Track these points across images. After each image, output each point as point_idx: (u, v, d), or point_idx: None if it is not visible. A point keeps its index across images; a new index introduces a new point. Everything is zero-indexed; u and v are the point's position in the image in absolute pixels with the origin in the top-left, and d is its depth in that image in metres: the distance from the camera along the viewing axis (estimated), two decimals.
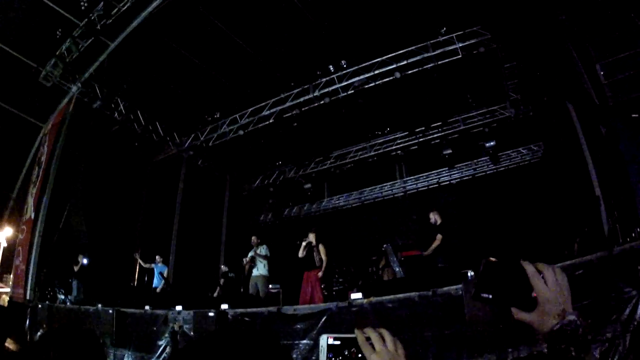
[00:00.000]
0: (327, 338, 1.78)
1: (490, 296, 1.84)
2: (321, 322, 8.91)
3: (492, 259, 1.84)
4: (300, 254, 14.32)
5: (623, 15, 10.02)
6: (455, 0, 14.54)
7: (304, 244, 14.40)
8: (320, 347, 1.77)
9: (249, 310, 10.88)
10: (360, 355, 1.73)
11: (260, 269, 15.72)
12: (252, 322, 10.23)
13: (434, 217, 13.78)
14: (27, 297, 17.35)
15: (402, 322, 7.77)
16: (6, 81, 17.73)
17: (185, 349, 1.44)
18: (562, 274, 1.83)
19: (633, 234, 9.14)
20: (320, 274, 13.57)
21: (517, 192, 19.03)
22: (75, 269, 18.14)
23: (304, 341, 9.04)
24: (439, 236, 13.22)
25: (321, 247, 14.21)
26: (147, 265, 18.83)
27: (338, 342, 1.77)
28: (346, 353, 1.75)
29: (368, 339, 1.72)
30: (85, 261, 18.36)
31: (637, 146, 10.05)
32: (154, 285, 18.32)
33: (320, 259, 13.92)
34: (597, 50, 10.91)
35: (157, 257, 18.68)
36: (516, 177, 19.91)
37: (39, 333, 15.48)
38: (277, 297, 16.47)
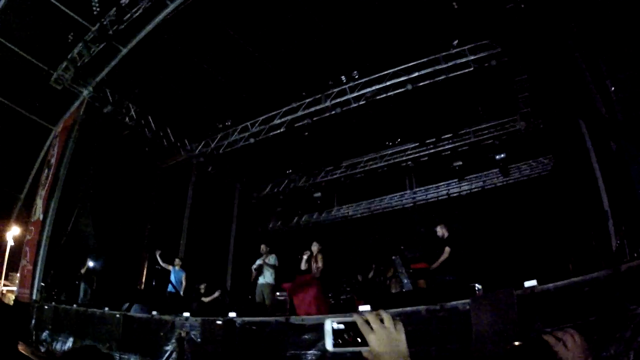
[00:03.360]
0: (332, 323, 1.84)
1: None
2: None
3: (516, 343, 2.00)
4: (303, 266, 14.43)
5: (635, 32, 10.03)
6: (467, 14, 14.55)
7: (305, 257, 14.53)
8: (325, 332, 1.84)
9: (256, 319, 10.88)
10: (361, 338, 1.79)
11: (267, 278, 15.76)
12: (259, 331, 10.24)
13: (442, 231, 13.73)
14: (33, 298, 17.43)
15: (408, 336, 7.75)
16: (18, 83, 17.85)
17: None
18: (578, 336, 1.95)
19: None
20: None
21: (527, 205, 19.03)
22: (82, 271, 18.12)
23: (311, 351, 9.02)
24: (447, 249, 13.19)
25: (320, 258, 14.32)
26: (164, 265, 18.50)
27: (342, 326, 1.83)
28: (348, 336, 1.82)
29: (367, 321, 1.79)
30: (91, 264, 18.31)
31: None
32: (169, 290, 17.99)
33: (318, 267, 14.02)
34: (608, 65, 10.91)
35: (176, 259, 18.26)
36: (526, 189, 19.91)
37: (44, 333, 15.57)
38: (284, 305, 16.49)
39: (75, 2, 15.30)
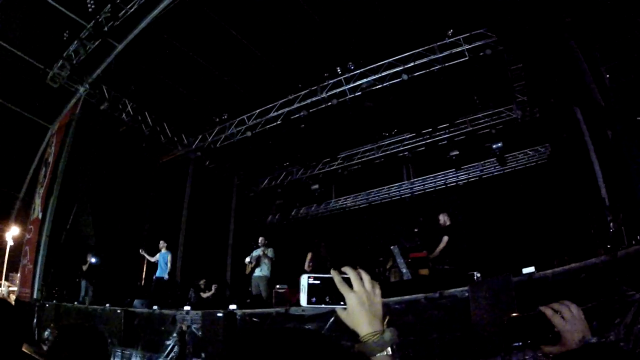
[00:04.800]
0: (308, 278, 1.84)
1: (521, 343, 2.04)
2: (329, 322, 8.94)
3: (514, 314, 2.04)
4: (307, 266, 14.71)
5: (628, 20, 10.05)
6: (461, 3, 14.57)
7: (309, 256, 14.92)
8: (301, 287, 1.84)
9: (257, 311, 10.93)
10: (337, 296, 1.80)
11: (263, 270, 15.88)
12: (260, 323, 10.28)
13: (443, 219, 13.75)
14: (34, 296, 17.43)
15: (408, 324, 7.78)
16: (13, 82, 17.78)
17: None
18: (575, 307, 2.01)
19: (638, 237, 9.17)
20: None
21: (524, 194, 19.04)
22: (84, 268, 18.07)
23: None
24: (445, 238, 13.20)
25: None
26: (153, 259, 18.36)
27: (318, 282, 1.83)
28: (323, 293, 1.82)
29: (347, 279, 1.80)
30: (93, 260, 18.23)
31: None
32: (157, 276, 17.97)
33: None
34: (603, 53, 10.95)
35: (160, 242, 18.24)
36: (523, 178, 19.91)
37: (46, 332, 15.59)
38: (284, 297, 16.55)
39: (69, 0, 15.29)
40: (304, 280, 1.84)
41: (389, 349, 1.70)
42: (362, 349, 1.71)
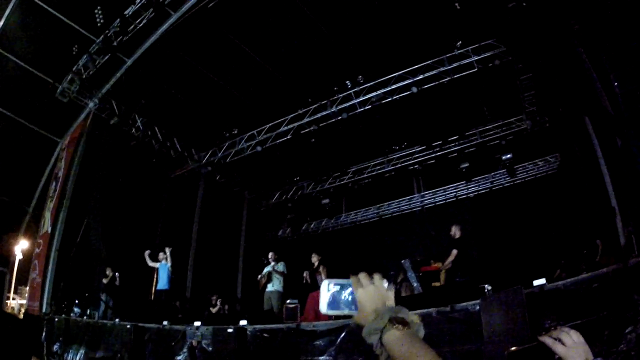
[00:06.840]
0: (328, 284, 1.93)
1: None
2: (340, 337, 8.88)
3: (513, 348, 2.03)
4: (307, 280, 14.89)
5: (636, 26, 10.02)
6: (469, 14, 14.54)
7: (306, 274, 15.10)
8: (321, 292, 1.91)
9: (267, 326, 10.88)
10: (355, 301, 1.88)
11: (275, 285, 15.88)
12: (271, 338, 10.23)
13: (455, 231, 13.72)
14: (43, 310, 17.42)
15: None
16: (23, 96, 17.77)
17: None
18: (574, 332, 2.01)
19: None
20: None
21: (535, 204, 18.98)
22: (105, 281, 17.98)
23: (323, 357, 9.00)
24: (454, 251, 13.19)
25: (322, 269, 14.68)
26: (152, 264, 18.26)
27: (338, 287, 1.92)
28: (343, 294, 1.90)
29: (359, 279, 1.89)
30: (117, 274, 18.13)
31: None
32: (158, 288, 17.96)
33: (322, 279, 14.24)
34: (611, 60, 10.91)
35: (160, 254, 18.09)
36: (533, 189, 19.87)
37: (55, 345, 15.57)
38: (295, 312, 16.49)
39: (78, 15, 15.32)
40: (325, 285, 1.93)
41: (402, 325, 1.70)
42: (365, 335, 1.76)
